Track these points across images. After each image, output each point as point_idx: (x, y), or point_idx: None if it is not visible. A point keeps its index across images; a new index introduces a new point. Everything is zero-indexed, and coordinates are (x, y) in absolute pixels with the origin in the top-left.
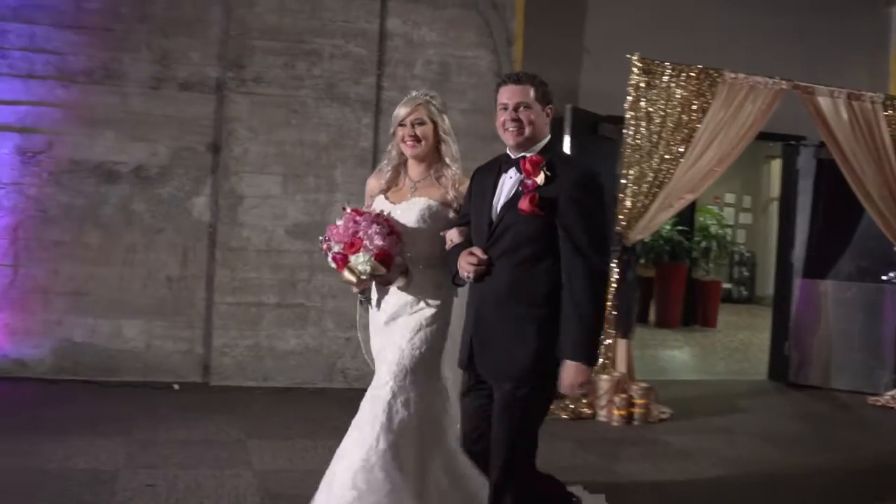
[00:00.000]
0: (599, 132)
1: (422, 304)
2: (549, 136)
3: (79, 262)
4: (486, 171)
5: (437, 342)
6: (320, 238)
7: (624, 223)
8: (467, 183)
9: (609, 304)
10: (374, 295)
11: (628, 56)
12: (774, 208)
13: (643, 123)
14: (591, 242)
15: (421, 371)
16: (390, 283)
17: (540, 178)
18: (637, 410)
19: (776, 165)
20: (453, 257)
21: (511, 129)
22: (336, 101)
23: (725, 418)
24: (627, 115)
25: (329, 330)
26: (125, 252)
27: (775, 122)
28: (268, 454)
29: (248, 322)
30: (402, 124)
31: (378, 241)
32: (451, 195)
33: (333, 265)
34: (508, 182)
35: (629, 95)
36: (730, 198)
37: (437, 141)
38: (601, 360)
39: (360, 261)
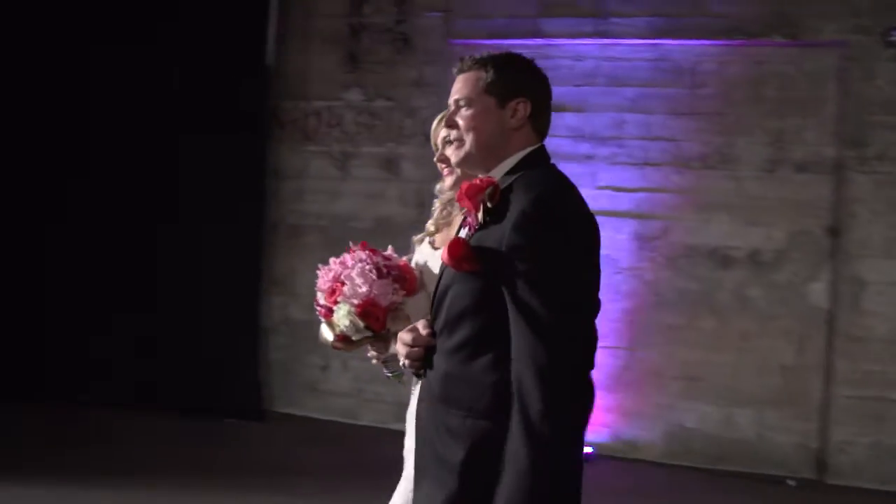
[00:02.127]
0: None
1: None
2: (529, 148)
3: (692, 347)
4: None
5: None
6: None
7: None
8: None
9: None
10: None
11: None
12: None
13: None
14: (549, 308)
15: None
16: (385, 350)
17: (481, 214)
18: None
19: None
20: None
21: (451, 139)
22: None
23: None
24: None
25: None
26: (739, 339)
27: None
28: None
29: (870, 418)
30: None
31: (362, 289)
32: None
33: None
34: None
35: None
36: None
37: None
38: None
39: (340, 314)
